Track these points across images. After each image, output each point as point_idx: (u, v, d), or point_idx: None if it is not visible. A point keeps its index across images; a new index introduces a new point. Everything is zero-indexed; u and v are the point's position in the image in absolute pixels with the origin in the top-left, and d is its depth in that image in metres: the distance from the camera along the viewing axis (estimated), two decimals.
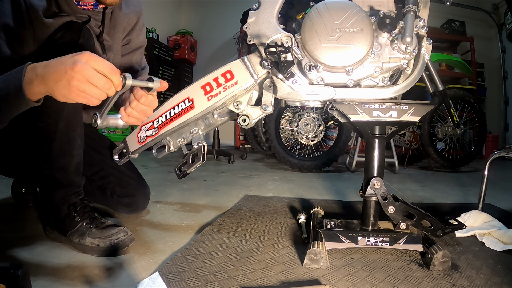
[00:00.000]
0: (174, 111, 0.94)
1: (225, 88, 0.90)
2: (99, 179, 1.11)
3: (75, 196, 0.93)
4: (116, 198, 1.12)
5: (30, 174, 1.05)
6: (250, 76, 0.90)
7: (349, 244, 0.87)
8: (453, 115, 2.49)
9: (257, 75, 0.90)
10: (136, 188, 1.15)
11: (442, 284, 0.73)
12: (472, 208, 1.17)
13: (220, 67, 0.91)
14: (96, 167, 1.10)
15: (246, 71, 0.90)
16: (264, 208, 1.32)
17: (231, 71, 0.90)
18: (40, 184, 0.92)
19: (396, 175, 2.45)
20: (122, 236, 0.88)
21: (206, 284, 0.71)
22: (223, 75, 0.91)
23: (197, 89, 0.92)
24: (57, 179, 0.90)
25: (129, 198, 1.14)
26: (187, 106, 0.92)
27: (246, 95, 0.94)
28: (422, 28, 0.87)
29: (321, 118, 2.53)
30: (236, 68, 0.91)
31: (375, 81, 0.91)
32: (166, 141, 1.02)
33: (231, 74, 0.90)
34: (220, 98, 0.90)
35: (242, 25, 1.95)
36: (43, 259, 0.83)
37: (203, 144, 0.99)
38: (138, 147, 1.01)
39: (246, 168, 2.62)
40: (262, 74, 0.91)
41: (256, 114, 0.94)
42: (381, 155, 0.91)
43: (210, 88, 0.91)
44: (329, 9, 0.86)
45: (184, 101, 0.93)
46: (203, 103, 0.91)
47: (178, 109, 0.93)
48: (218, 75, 0.91)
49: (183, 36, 4.86)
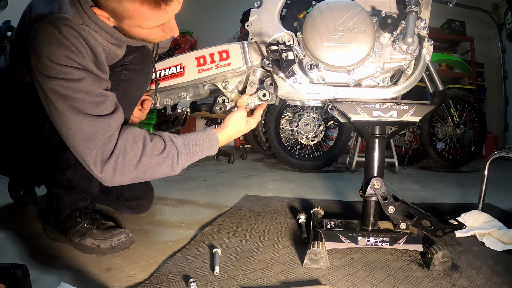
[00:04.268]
0: (165, 73, 0.96)
1: (217, 66, 0.92)
2: None
3: (83, 201, 0.93)
4: (122, 201, 1.12)
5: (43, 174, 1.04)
6: (244, 62, 0.91)
7: (349, 244, 0.87)
8: (453, 115, 2.48)
9: (251, 63, 0.92)
10: (144, 191, 1.16)
11: (442, 284, 0.73)
12: (472, 208, 1.17)
13: (219, 44, 0.94)
14: None
15: (241, 56, 0.92)
16: (264, 208, 1.32)
17: (227, 52, 0.92)
18: (52, 184, 0.91)
19: (396, 175, 2.45)
20: (123, 238, 0.88)
21: (206, 284, 0.70)
22: (219, 53, 0.93)
23: (191, 59, 0.94)
24: (76, 184, 0.90)
25: (136, 201, 1.14)
26: (177, 72, 0.94)
27: (236, 78, 0.96)
28: (424, 29, 0.87)
29: (321, 118, 2.53)
30: (233, 50, 0.93)
31: (376, 81, 0.91)
32: (154, 97, 1.04)
33: (227, 54, 0.92)
34: (210, 73, 0.93)
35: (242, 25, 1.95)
36: (43, 259, 0.83)
37: (186, 110, 1.01)
38: None
39: (246, 168, 2.62)
40: (256, 63, 0.92)
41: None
42: (381, 155, 0.91)
43: (204, 61, 0.93)
44: (331, 8, 0.85)
45: (176, 66, 0.95)
46: (193, 73, 0.94)
47: (168, 71, 0.95)
48: (215, 52, 0.93)
49: (183, 36, 4.85)
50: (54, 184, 0.90)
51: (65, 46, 0.69)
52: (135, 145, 0.75)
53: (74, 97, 0.70)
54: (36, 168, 1.01)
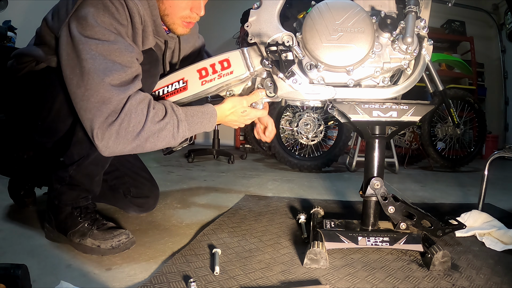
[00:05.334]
0: (168, 89, 0.95)
1: (220, 75, 0.91)
2: (112, 179, 1.12)
3: (85, 200, 0.93)
4: (129, 198, 1.14)
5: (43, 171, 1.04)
6: (246, 68, 0.91)
7: (349, 244, 0.87)
8: (453, 115, 2.48)
9: (253, 68, 0.91)
10: (150, 189, 1.19)
11: (442, 284, 0.73)
12: (472, 208, 1.17)
13: (219, 54, 0.93)
14: (111, 167, 1.09)
15: (243, 62, 0.91)
16: (264, 208, 1.32)
17: (228, 60, 0.92)
18: (54, 181, 0.91)
19: (396, 175, 2.45)
20: (124, 238, 0.88)
21: (206, 284, 0.71)
22: (220, 62, 0.92)
23: (193, 72, 0.93)
24: (78, 182, 0.90)
25: (142, 199, 1.16)
26: (180, 87, 0.93)
27: (240, 85, 0.96)
28: (423, 29, 0.87)
29: (321, 118, 2.53)
30: (234, 58, 0.92)
31: (376, 81, 0.91)
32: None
33: (228, 63, 0.92)
34: (213, 84, 0.92)
35: (242, 25, 1.95)
36: (43, 259, 0.83)
37: None
38: None
39: (246, 168, 2.62)
40: (258, 68, 0.92)
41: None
42: (381, 155, 0.91)
43: (206, 73, 0.92)
44: (330, 8, 0.85)
45: (178, 81, 0.94)
46: (196, 86, 0.93)
47: (171, 88, 0.94)
48: (216, 62, 0.92)
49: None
50: (57, 180, 0.91)
51: (109, 11, 0.76)
52: (139, 111, 0.76)
53: (105, 58, 0.74)
54: (39, 165, 1.02)
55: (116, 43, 0.76)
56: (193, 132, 0.86)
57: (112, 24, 0.76)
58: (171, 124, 0.81)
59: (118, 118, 0.74)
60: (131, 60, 0.78)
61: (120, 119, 0.74)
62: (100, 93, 0.73)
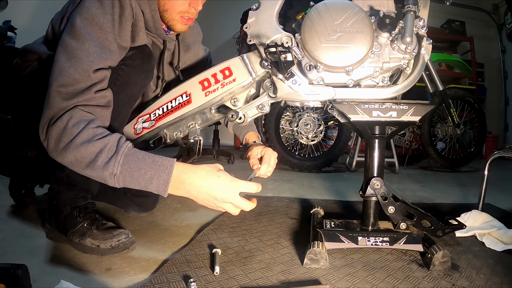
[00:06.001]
0: (171, 105, 0.94)
1: (223, 84, 0.91)
2: None
3: (83, 200, 0.93)
4: (129, 196, 1.13)
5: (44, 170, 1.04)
6: (248, 74, 0.90)
7: (349, 244, 0.87)
8: (453, 115, 2.48)
9: (255, 73, 0.91)
10: None
11: (442, 284, 0.73)
12: (472, 208, 1.17)
13: (219, 63, 0.92)
14: None
15: (244, 69, 0.91)
16: (264, 208, 1.32)
17: (229, 68, 0.91)
18: (52, 181, 0.92)
19: (396, 175, 2.45)
20: (123, 238, 0.88)
21: (206, 284, 0.71)
22: (221, 71, 0.91)
23: (195, 84, 0.92)
24: (75, 181, 0.90)
25: (142, 198, 1.15)
26: (184, 101, 0.93)
27: (244, 92, 0.95)
28: (422, 28, 0.87)
29: (321, 118, 2.53)
30: (235, 65, 0.91)
31: (375, 81, 0.91)
32: (162, 134, 1.03)
33: (229, 71, 0.91)
34: (217, 94, 0.91)
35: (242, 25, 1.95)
36: (43, 259, 0.83)
37: (199, 139, 0.99)
38: (134, 139, 1.01)
39: (246, 168, 2.62)
40: (260, 73, 0.91)
41: (253, 113, 0.95)
42: (381, 155, 0.91)
43: (208, 83, 0.92)
44: (329, 9, 0.86)
45: (181, 95, 0.93)
46: (200, 98, 0.92)
47: (175, 103, 0.94)
48: (217, 71, 0.92)
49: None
50: (55, 180, 0.91)
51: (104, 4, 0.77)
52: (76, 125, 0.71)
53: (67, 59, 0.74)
54: (38, 164, 1.02)
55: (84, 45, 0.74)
56: (128, 182, 0.71)
57: (94, 21, 0.76)
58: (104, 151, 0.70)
59: (55, 125, 0.72)
60: (87, 68, 0.74)
61: (57, 126, 0.72)
62: (48, 95, 0.74)
